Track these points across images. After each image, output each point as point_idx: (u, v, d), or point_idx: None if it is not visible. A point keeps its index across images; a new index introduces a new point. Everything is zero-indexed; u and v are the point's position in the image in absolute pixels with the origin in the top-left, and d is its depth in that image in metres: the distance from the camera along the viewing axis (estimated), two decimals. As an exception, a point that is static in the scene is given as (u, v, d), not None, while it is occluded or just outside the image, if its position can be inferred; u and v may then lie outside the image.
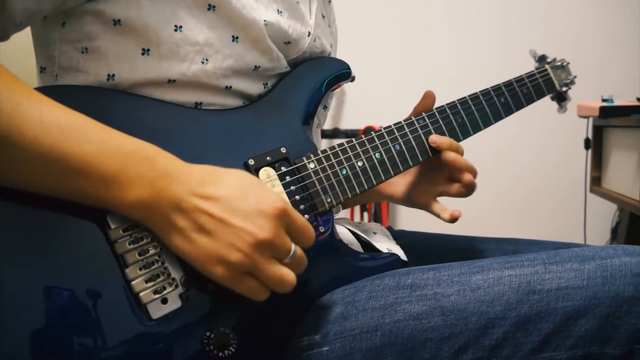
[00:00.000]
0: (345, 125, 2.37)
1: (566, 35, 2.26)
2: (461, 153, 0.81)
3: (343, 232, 0.87)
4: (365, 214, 2.23)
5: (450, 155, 0.79)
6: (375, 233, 0.93)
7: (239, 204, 0.55)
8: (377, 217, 2.21)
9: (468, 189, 0.81)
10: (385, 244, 0.88)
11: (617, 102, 1.47)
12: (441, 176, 0.84)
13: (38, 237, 0.54)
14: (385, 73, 2.33)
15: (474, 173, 0.82)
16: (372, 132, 0.76)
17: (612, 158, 1.51)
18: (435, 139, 0.79)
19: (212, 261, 0.55)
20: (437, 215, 0.84)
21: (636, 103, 1.42)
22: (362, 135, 0.75)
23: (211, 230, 0.54)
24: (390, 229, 0.99)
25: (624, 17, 2.24)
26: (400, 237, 0.98)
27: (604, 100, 1.48)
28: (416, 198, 0.88)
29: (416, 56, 2.35)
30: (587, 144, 1.61)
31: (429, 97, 0.85)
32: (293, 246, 0.57)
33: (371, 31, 2.34)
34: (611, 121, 1.45)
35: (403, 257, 0.84)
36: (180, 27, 0.66)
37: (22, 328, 0.51)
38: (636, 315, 0.60)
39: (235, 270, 0.55)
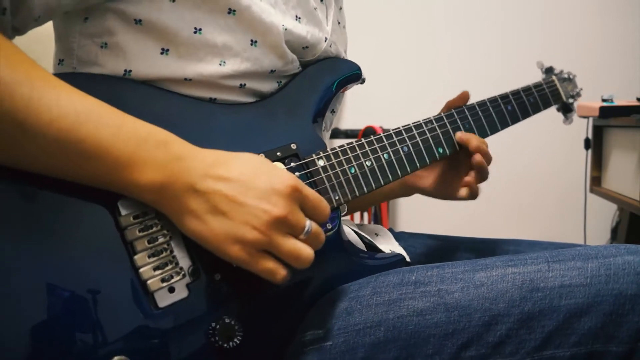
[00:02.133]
0: (345, 125, 2.37)
1: (567, 35, 2.26)
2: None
3: (348, 231, 0.88)
4: (365, 215, 2.23)
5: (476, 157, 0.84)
6: (377, 235, 0.94)
7: (252, 184, 0.56)
8: (377, 219, 2.21)
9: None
10: (388, 245, 0.88)
11: (617, 102, 1.47)
12: (464, 167, 0.88)
13: (48, 221, 0.54)
14: (386, 74, 2.33)
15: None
16: (382, 134, 0.77)
17: (612, 158, 1.51)
18: (461, 135, 0.84)
19: (228, 241, 0.55)
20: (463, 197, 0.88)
21: (636, 103, 1.42)
22: (372, 136, 0.76)
23: (225, 210, 0.55)
24: (391, 230, 0.99)
25: (624, 17, 2.24)
26: (401, 238, 0.98)
27: (604, 100, 1.48)
28: (444, 190, 0.91)
29: (417, 57, 2.35)
30: (587, 144, 1.61)
31: (463, 97, 0.89)
32: (308, 222, 0.58)
33: (372, 32, 2.34)
34: (611, 121, 1.45)
35: (406, 257, 0.84)
36: (200, 29, 0.66)
37: (30, 313, 0.51)
38: (639, 314, 0.60)
39: (252, 248, 0.55)
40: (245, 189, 0.56)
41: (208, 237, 0.55)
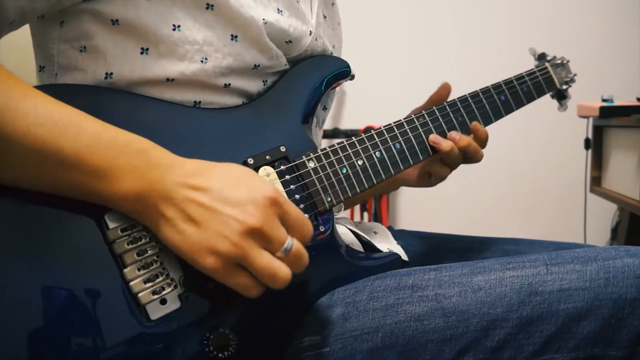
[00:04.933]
0: (345, 125, 2.37)
1: (567, 35, 2.25)
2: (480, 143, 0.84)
3: (343, 231, 0.87)
4: (366, 214, 2.23)
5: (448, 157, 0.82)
6: (375, 233, 0.93)
7: (229, 194, 0.55)
8: (377, 217, 2.21)
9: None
10: (386, 244, 0.88)
11: (617, 102, 1.46)
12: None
13: (35, 237, 0.53)
14: (386, 73, 2.33)
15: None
16: (372, 131, 0.76)
17: (612, 158, 1.51)
18: (434, 139, 0.80)
19: (202, 252, 0.53)
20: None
21: (636, 103, 1.41)
22: (362, 134, 0.75)
23: (200, 219, 0.53)
24: (390, 228, 0.98)
25: (624, 17, 2.24)
26: (400, 237, 0.98)
27: (604, 100, 1.48)
28: (426, 178, 0.90)
29: (416, 56, 2.35)
30: (587, 144, 1.61)
31: (444, 88, 0.89)
32: (289, 239, 0.55)
33: (372, 31, 2.33)
34: (611, 121, 1.45)
35: (404, 256, 0.84)
36: (179, 26, 0.65)
37: (20, 329, 0.50)
38: (639, 318, 0.59)
39: (226, 260, 0.54)
40: (222, 199, 0.54)
41: (183, 246, 0.54)
